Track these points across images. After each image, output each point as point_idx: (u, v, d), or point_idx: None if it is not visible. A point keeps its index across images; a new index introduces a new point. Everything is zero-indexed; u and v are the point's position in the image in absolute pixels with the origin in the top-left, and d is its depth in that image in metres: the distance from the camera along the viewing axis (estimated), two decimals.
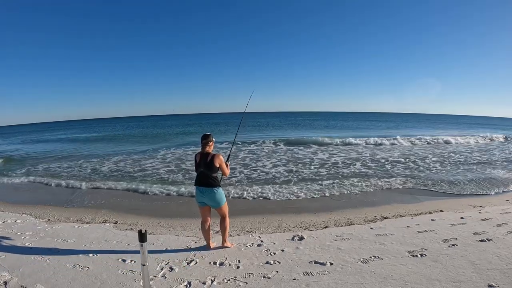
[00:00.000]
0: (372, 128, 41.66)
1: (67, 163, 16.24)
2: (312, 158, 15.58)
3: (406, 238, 5.14)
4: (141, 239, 3.33)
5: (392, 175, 11.41)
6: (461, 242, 4.94)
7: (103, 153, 20.17)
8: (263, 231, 5.90)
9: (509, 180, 10.75)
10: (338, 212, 7.26)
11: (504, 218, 6.27)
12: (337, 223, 6.20)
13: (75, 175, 12.84)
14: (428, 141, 22.59)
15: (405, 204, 7.88)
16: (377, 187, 9.66)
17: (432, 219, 6.15)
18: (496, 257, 4.40)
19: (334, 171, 12.25)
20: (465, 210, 7.04)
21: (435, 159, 15.23)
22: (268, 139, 24.07)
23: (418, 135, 25.29)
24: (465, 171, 12.27)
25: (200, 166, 4.48)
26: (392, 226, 5.81)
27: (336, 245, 4.99)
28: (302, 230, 5.85)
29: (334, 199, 8.50)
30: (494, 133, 28.03)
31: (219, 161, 4.46)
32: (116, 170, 13.50)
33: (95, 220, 6.94)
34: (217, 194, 4.50)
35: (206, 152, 4.50)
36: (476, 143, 23.04)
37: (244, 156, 16.45)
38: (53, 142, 30.67)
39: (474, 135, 25.81)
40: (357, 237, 5.28)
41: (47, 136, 43.94)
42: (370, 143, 21.93)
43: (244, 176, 11.53)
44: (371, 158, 15.64)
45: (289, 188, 9.56)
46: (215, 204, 4.57)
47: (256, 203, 8.27)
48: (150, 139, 30.41)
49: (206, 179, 4.46)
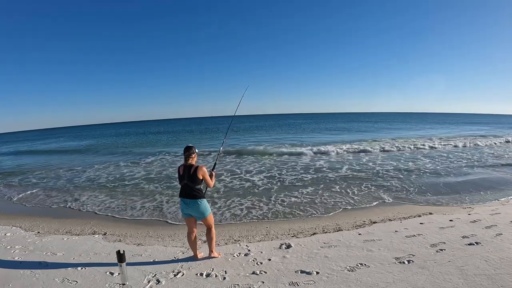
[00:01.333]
0: (352, 130, 40.84)
1: (64, 172, 16.02)
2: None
3: (394, 244, 5.00)
4: (120, 259, 3.21)
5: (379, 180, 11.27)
6: (449, 247, 4.80)
7: (92, 162, 19.81)
8: (251, 240, 5.76)
9: (499, 180, 10.63)
10: (327, 218, 7.12)
11: (494, 219, 6.14)
12: (325, 229, 6.05)
13: (68, 185, 12.64)
14: (384, 149, 19.34)
15: (394, 207, 7.74)
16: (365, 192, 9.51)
17: (421, 223, 6.01)
18: (484, 261, 4.26)
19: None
20: (454, 212, 6.91)
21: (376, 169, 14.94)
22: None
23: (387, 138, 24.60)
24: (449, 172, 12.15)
25: (184, 178, 4.42)
26: (381, 231, 5.67)
27: (323, 252, 4.84)
28: (290, 238, 5.70)
29: (323, 205, 8.31)
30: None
31: (202, 173, 4.39)
32: (106, 179, 13.33)
33: (84, 232, 6.80)
34: (201, 205, 4.44)
35: (189, 164, 4.44)
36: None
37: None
38: (47, 152, 28.86)
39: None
40: (344, 244, 5.13)
41: (38, 145, 41.83)
42: (316, 151, 18.88)
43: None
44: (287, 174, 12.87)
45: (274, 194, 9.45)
46: (200, 215, 4.51)
47: (244, 211, 8.09)
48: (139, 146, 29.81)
49: (190, 191, 4.40)
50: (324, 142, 23.85)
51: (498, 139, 23.59)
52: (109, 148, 28.52)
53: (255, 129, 48.96)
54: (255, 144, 24.81)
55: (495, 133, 30.86)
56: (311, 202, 8.51)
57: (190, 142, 20.44)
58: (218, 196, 9.43)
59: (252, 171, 13.53)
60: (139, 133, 54.45)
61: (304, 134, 36.46)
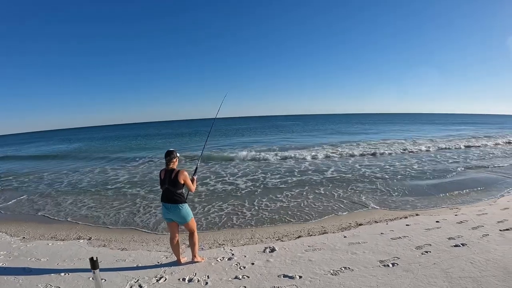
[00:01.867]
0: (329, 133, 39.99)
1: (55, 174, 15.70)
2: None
3: (379, 246, 4.89)
4: (93, 266, 3.10)
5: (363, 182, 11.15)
6: (434, 249, 4.71)
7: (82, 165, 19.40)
8: (235, 243, 5.63)
9: (486, 179, 10.61)
10: (313, 220, 6.96)
11: (480, 220, 6.07)
12: (310, 232, 5.92)
13: (56, 189, 12.37)
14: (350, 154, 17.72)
15: (381, 208, 7.62)
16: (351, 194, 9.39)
17: (407, 224, 5.92)
18: (470, 263, 4.17)
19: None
20: (441, 213, 6.82)
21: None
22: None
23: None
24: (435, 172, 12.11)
25: (165, 183, 4.34)
26: (366, 233, 5.55)
27: (307, 256, 4.72)
28: (274, 241, 5.57)
29: (309, 207, 8.14)
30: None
31: (183, 178, 4.31)
32: (91, 183, 13.10)
33: (69, 237, 6.63)
34: (183, 210, 4.36)
35: (170, 169, 4.36)
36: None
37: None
38: (35, 157, 27.15)
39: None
40: (329, 247, 5.02)
41: (27, 149, 40.15)
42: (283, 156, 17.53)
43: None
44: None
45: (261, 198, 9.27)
46: (181, 220, 4.43)
47: (229, 214, 7.92)
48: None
49: (171, 195, 4.32)
50: (295, 146, 23.21)
51: (488, 139, 23.62)
52: (96, 152, 27.70)
53: (234, 132, 47.08)
54: (214, 148, 22.81)
55: (482, 133, 31.06)
56: (297, 205, 8.38)
57: (177, 145, 19.94)
58: (201, 200, 9.26)
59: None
60: (129, 136, 52.34)
61: (277, 136, 35.55)
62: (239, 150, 20.57)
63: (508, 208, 6.96)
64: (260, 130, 52.29)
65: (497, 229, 5.51)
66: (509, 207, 7.10)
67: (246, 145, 25.20)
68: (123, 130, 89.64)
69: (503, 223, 5.84)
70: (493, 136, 26.28)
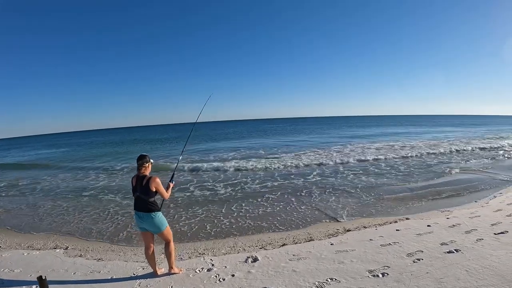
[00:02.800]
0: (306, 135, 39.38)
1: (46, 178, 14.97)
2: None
3: (368, 254, 4.48)
4: (41, 286, 2.63)
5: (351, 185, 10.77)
6: (427, 256, 4.32)
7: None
8: (217, 253, 5.20)
9: (476, 180, 10.33)
10: (299, 227, 6.51)
11: (473, 223, 5.72)
12: (296, 240, 5.49)
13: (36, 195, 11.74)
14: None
15: (370, 213, 7.20)
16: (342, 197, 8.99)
17: (397, 229, 5.52)
18: (465, 271, 3.79)
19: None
20: (432, 216, 6.45)
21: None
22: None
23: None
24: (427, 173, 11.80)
25: (136, 190, 3.99)
26: (354, 240, 5.14)
27: (291, 266, 4.30)
28: (257, 250, 5.13)
29: (296, 212, 7.69)
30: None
31: (155, 185, 3.94)
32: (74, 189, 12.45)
33: (46, 246, 6.23)
34: (156, 219, 3.99)
35: (142, 175, 3.99)
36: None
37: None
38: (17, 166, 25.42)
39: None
40: (315, 256, 4.59)
41: (12, 154, 38.39)
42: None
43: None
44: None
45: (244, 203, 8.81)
46: (155, 230, 4.07)
47: (210, 222, 7.45)
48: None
49: (143, 203, 3.96)
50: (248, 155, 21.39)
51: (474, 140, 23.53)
52: (81, 158, 26.00)
53: (210, 137, 42.40)
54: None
55: (469, 134, 31.12)
56: (283, 211, 7.93)
57: (161, 150, 18.99)
58: (181, 207, 8.79)
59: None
60: (115, 142, 47.03)
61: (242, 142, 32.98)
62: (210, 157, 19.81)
63: (501, 210, 6.65)
64: (234, 134, 49.76)
65: (491, 232, 5.17)
66: (502, 208, 6.80)
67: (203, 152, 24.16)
68: (112, 135, 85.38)
69: (497, 225, 5.51)
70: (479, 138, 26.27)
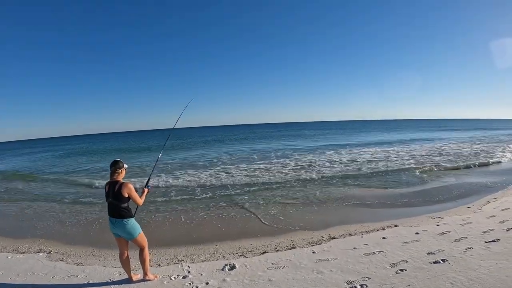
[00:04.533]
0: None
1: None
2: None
3: (350, 264, 4.17)
4: None
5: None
6: (411, 266, 4.00)
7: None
8: (195, 260, 4.95)
9: (469, 185, 9.95)
10: (282, 234, 6.16)
11: (464, 230, 5.38)
12: (277, 247, 5.18)
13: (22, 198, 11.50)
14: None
15: (357, 219, 6.80)
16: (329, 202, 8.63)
17: (383, 237, 5.19)
18: (450, 284, 3.48)
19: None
20: (421, 223, 6.09)
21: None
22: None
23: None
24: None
25: (109, 196, 3.88)
26: (338, 248, 4.82)
27: (268, 275, 4.02)
28: (237, 258, 4.85)
29: (279, 220, 7.26)
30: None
31: (127, 191, 3.82)
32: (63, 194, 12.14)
33: (30, 249, 6.12)
34: (128, 225, 3.87)
35: (114, 181, 3.89)
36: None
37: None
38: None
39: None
40: (294, 265, 4.30)
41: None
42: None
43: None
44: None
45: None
46: (128, 236, 3.95)
47: (193, 226, 7.18)
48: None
49: (116, 209, 3.85)
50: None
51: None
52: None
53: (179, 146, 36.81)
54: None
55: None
56: (267, 215, 7.61)
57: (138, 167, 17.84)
58: (161, 211, 8.53)
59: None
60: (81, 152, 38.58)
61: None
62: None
63: (494, 216, 6.30)
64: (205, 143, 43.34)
65: (482, 240, 4.84)
66: (495, 214, 6.44)
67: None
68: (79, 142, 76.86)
69: (488, 233, 5.18)
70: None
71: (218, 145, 36.80)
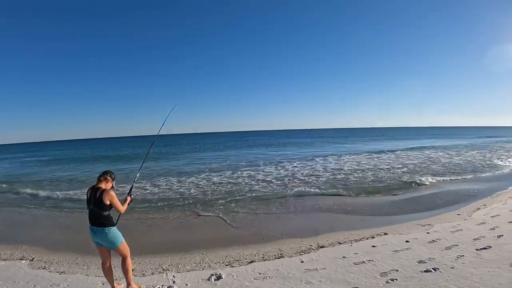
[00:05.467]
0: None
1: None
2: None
3: (339, 274, 3.99)
4: None
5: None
6: (402, 275, 3.84)
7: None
8: (181, 269, 4.76)
9: (458, 192, 9.87)
10: (270, 242, 5.96)
11: (454, 237, 5.25)
12: (265, 256, 4.97)
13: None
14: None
15: (347, 227, 6.63)
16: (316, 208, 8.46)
17: (373, 246, 5.02)
18: None
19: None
20: (411, 230, 5.94)
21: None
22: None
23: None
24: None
25: (90, 203, 3.70)
26: (327, 257, 4.64)
27: (255, 286, 3.86)
28: (223, 267, 4.65)
29: (267, 227, 7.06)
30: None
31: (109, 198, 3.62)
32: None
33: (13, 257, 5.91)
34: (110, 234, 3.68)
35: (97, 187, 3.72)
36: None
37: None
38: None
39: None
40: (282, 275, 4.11)
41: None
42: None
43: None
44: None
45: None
46: (110, 245, 3.76)
47: (179, 234, 6.97)
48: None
49: (96, 217, 3.66)
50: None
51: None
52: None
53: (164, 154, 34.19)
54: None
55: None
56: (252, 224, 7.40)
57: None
58: (147, 218, 8.28)
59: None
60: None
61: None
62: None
63: (485, 223, 6.20)
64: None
65: (473, 248, 4.71)
66: (485, 221, 6.34)
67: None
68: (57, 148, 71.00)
69: (479, 240, 5.06)
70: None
71: (207, 152, 36.60)
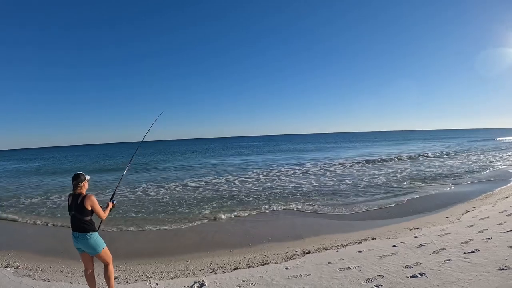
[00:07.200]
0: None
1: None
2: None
3: (323, 280, 3.81)
4: None
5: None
6: (387, 281, 3.67)
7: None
8: (164, 276, 4.55)
9: (448, 195, 9.74)
10: (257, 248, 5.76)
11: (442, 241, 5.09)
12: (250, 263, 4.78)
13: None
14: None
15: (334, 232, 6.44)
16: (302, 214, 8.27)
17: (359, 251, 4.84)
18: None
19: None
20: (399, 235, 5.77)
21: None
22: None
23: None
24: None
25: (72, 209, 3.63)
26: (312, 263, 4.45)
27: None
28: (208, 274, 4.45)
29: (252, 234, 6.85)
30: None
31: (90, 203, 3.57)
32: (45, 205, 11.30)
33: None
34: (91, 239, 3.60)
35: (77, 193, 3.65)
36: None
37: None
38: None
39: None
40: (265, 282, 3.92)
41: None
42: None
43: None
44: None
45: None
46: (91, 251, 3.68)
47: (163, 240, 6.78)
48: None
49: (78, 223, 3.58)
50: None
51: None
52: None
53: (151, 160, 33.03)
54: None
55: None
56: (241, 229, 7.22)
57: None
58: (131, 224, 8.06)
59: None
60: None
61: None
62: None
63: (473, 226, 6.05)
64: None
65: (461, 251, 4.56)
66: (474, 224, 6.20)
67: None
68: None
69: (467, 244, 4.91)
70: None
71: (194, 157, 36.49)
